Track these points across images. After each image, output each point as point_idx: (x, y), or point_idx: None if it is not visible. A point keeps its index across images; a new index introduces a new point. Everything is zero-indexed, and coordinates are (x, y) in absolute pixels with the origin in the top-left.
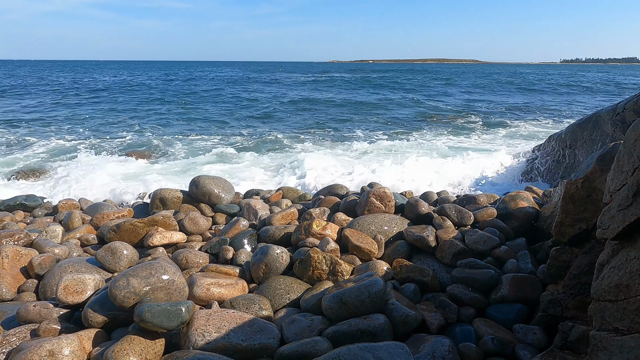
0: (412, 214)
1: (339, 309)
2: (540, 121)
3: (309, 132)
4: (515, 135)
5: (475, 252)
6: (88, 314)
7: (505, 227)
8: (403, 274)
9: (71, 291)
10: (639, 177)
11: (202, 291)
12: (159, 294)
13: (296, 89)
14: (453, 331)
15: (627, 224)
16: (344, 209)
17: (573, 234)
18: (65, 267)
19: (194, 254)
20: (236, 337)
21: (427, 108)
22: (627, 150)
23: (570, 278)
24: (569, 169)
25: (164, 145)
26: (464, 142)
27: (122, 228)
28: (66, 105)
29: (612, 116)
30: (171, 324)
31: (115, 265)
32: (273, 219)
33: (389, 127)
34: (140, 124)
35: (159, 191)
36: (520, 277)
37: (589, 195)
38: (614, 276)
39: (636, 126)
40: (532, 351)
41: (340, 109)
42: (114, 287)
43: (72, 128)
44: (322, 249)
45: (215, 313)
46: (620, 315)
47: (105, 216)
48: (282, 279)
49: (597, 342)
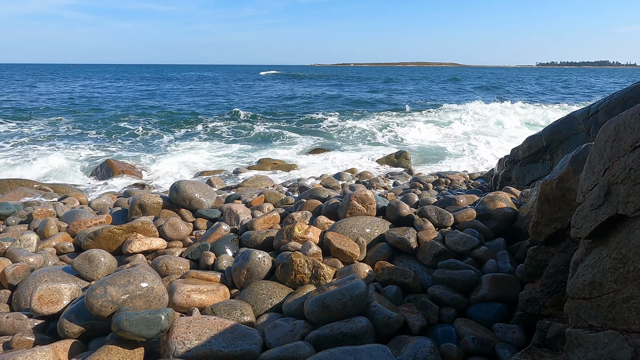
0: (393, 216)
1: (321, 312)
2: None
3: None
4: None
5: (455, 253)
6: (64, 324)
7: (484, 228)
8: (385, 276)
9: (46, 301)
10: (609, 177)
11: (182, 298)
12: (138, 302)
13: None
14: (435, 332)
15: (599, 223)
16: (326, 212)
17: (549, 234)
18: (40, 277)
19: (174, 260)
20: (217, 344)
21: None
22: (598, 151)
23: (547, 277)
24: (545, 170)
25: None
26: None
27: (99, 235)
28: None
29: (585, 118)
30: (150, 333)
31: (93, 273)
32: (255, 224)
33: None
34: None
35: (138, 197)
36: (500, 277)
37: (563, 196)
38: (587, 274)
39: (606, 128)
40: (511, 349)
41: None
42: (91, 296)
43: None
44: (304, 252)
45: (195, 320)
46: (594, 312)
47: (82, 223)
48: (264, 284)
49: (573, 339)
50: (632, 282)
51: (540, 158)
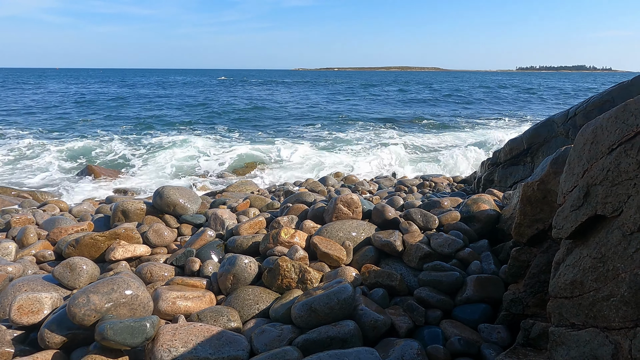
0: (379, 220)
1: (308, 316)
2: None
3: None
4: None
5: (440, 255)
6: (45, 334)
7: (468, 230)
8: (371, 279)
9: (26, 311)
10: (588, 179)
11: (167, 305)
12: (122, 310)
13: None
14: (421, 334)
15: (579, 223)
16: (312, 216)
17: (531, 235)
18: (19, 286)
19: (158, 267)
20: (204, 350)
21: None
22: (577, 153)
23: (530, 277)
24: (526, 172)
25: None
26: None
27: (81, 242)
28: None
29: (564, 121)
30: (135, 341)
31: (75, 281)
32: (240, 229)
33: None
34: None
35: (121, 203)
36: (484, 278)
37: (545, 197)
38: (569, 274)
39: (584, 131)
40: (496, 349)
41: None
42: (73, 305)
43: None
44: (290, 257)
45: (181, 327)
46: (575, 311)
47: (63, 230)
48: (251, 289)
49: (556, 338)
50: (612, 280)
51: (521, 160)
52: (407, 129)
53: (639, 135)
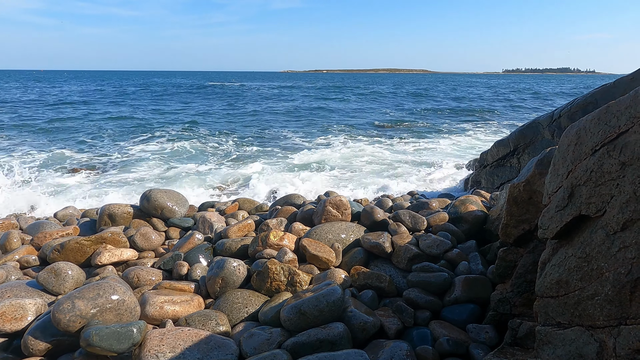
0: (368, 221)
1: (297, 319)
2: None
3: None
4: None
5: (429, 256)
6: (28, 341)
7: (456, 231)
8: (361, 280)
9: (9, 318)
10: (572, 180)
11: (155, 310)
12: (108, 316)
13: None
14: (410, 335)
15: (564, 223)
16: (301, 218)
17: (517, 235)
18: (2, 292)
19: (146, 271)
20: (192, 355)
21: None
22: (561, 155)
23: (517, 277)
24: (513, 173)
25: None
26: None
27: (66, 247)
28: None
29: (549, 123)
30: (122, 347)
31: (60, 287)
32: (229, 231)
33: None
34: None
35: (107, 206)
36: (472, 278)
37: (530, 198)
38: (554, 273)
39: (568, 132)
40: (484, 349)
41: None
42: (58, 311)
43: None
44: (279, 259)
45: (169, 332)
46: (561, 310)
47: (48, 235)
48: (240, 293)
49: (543, 337)
50: (596, 279)
51: (508, 162)
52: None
53: (621, 137)
